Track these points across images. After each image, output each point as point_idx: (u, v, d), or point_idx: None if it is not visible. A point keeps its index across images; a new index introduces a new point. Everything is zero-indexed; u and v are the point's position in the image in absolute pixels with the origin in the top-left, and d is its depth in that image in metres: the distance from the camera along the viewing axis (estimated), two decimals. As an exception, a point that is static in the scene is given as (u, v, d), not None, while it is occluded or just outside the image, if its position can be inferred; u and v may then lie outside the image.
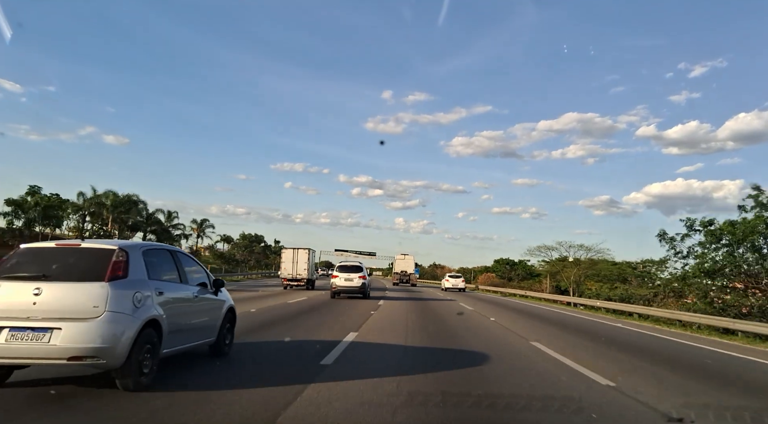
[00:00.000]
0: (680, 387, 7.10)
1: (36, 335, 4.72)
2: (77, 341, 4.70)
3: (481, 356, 8.44)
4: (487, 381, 6.53)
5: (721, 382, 7.88)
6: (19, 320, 4.77)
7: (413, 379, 6.36)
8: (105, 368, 4.91)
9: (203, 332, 6.82)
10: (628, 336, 14.30)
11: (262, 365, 7.08)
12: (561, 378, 6.96)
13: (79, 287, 4.93)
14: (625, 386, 6.59)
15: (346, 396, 5.36)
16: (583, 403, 5.54)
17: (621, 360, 9.23)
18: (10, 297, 4.87)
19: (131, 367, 4.98)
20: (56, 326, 4.73)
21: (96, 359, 4.76)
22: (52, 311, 4.80)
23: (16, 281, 4.96)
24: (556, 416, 5.14)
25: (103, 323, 4.80)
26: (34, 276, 4.99)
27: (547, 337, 12.04)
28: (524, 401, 5.43)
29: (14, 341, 4.71)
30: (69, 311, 4.81)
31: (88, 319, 4.79)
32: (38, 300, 4.83)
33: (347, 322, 12.87)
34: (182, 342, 6.14)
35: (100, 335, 4.75)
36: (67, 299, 4.85)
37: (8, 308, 4.82)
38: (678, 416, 5.18)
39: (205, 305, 6.90)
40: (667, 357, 10.41)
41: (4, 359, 4.76)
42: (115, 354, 4.83)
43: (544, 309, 25.39)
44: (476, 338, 11.10)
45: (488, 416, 4.98)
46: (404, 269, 49.28)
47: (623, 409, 5.51)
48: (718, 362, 10.25)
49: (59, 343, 4.68)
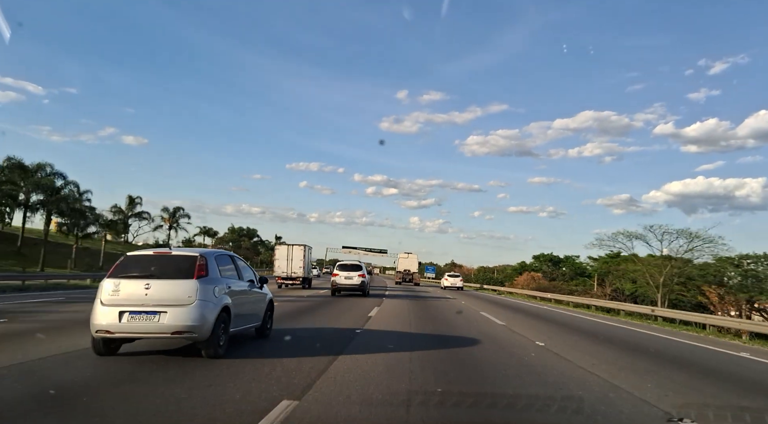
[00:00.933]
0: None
1: (149, 317, 6.66)
2: (178, 320, 6.63)
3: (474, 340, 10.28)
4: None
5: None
6: (136, 306, 6.70)
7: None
8: (196, 340, 6.84)
9: (254, 317, 8.77)
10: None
11: (297, 343, 9.02)
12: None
13: (177, 282, 6.85)
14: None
15: (368, 363, 7.28)
16: (584, 403, 5.60)
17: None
18: (128, 291, 6.79)
19: (213, 340, 6.92)
20: (163, 310, 6.66)
21: (191, 334, 6.71)
22: (159, 300, 6.72)
23: (132, 279, 6.88)
24: (556, 416, 5.20)
25: (195, 308, 6.73)
26: (143, 275, 6.91)
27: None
28: (524, 401, 5.53)
29: (133, 321, 6.65)
30: (171, 299, 6.73)
31: (184, 305, 6.71)
32: (148, 292, 6.75)
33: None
34: (241, 324, 8.08)
35: (194, 317, 6.68)
36: (169, 291, 6.78)
37: (127, 298, 6.74)
38: (678, 416, 5.13)
39: (254, 297, 8.84)
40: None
41: (126, 333, 6.71)
42: (203, 330, 6.76)
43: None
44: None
45: (488, 416, 5.08)
46: (407, 267, 49.37)
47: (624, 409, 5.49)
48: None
49: (166, 322, 6.61)
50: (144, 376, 6.15)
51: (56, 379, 5.84)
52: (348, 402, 5.17)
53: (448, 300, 26.44)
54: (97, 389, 5.48)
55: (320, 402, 5.10)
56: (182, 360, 6.98)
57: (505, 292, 46.65)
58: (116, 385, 5.67)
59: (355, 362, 7.27)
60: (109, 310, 6.69)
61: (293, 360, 7.23)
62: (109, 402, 4.98)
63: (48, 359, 6.81)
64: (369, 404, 5.22)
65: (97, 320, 6.69)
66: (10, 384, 5.54)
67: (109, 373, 6.23)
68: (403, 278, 48.77)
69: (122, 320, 6.65)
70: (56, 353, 7.19)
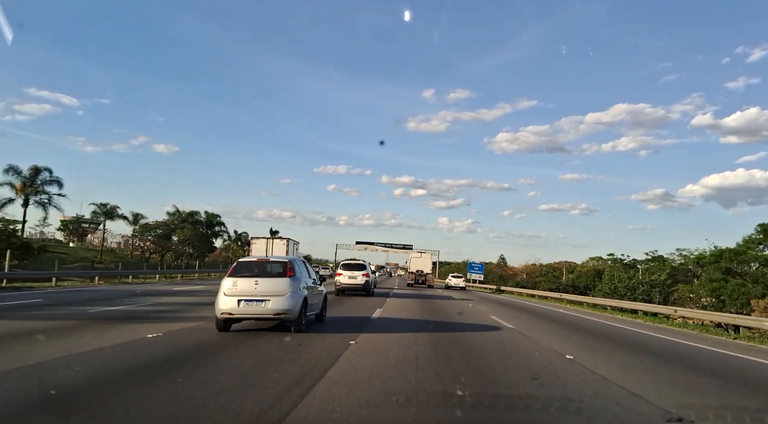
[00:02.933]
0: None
1: (258, 303, 9.83)
2: (278, 306, 9.81)
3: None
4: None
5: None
6: (248, 296, 9.87)
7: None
8: (289, 320, 10.02)
9: (316, 307, 11.95)
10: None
11: (338, 325, 12.20)
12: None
13: (276, 280, 10.03)
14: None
15: (383, 340, 10.45)
16: (584, 403, 5.73)
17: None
18: (242, 285, 9.95)
19: (300, 319, 10.12)
20: (267, 298, 9.84)
21: (286, 315, 9.89)
22: (264, 292, 9.89)
23: (245, 278, 10.05)
24: (557, 416, 5.33)
25: (289, 298, 9.90)
26: (253, 275, 10.08)
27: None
28: (524, 402, 5.64)
29: (247, 306, 9.82)
30: (273, 292, 9.90)
31: (281, 295, 9.88)
32: (257, 287, 9.92)
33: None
34: (311, 311, 11.26)
35: (288, 303, 9.87)
36: (271, 286, 9.95)
37: (243, 291, 9.91)
38: (678, 416, 5.24)
39: (317, 292, 12.04)
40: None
41: (242, 315, 9.90)
42: (294, 312, 9.95)
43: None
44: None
45: (488, 416, 5.25)
46: (420, 268, 46.57)
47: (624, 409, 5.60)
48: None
49: (270, 306, 9.80)
50: (261, 343, 9.33)
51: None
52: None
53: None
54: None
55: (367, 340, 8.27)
56: (279, 333, 10.17)
57: (584, 304, 30.90)
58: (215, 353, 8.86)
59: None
60: (229, 299, 9.88)
61: (336, 335, 10.43)
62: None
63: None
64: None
65: (222, 306, 9.88)
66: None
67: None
68: (416, 279, 45.88)
69: (240, 305, 9.84)
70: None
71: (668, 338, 14.18)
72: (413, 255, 50.21)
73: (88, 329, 10.27)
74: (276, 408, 4.89)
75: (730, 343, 14.05)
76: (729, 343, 14.03)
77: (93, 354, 7.47)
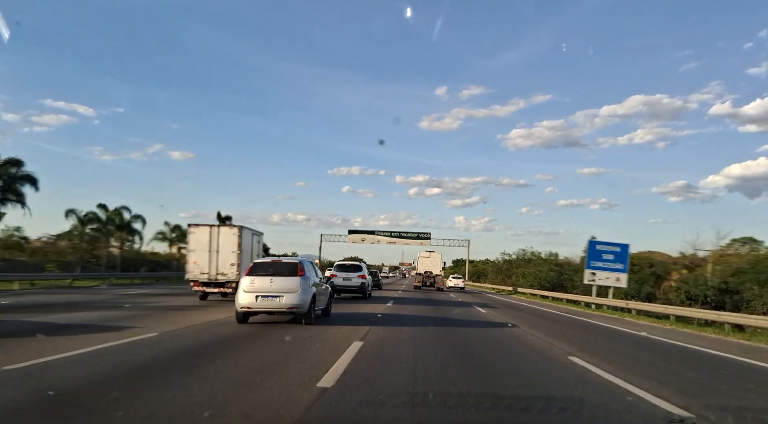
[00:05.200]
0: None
1: (273, 298, 11.38)
2: (291, 301, 11.36)
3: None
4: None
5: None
6: (264, 292, 11.40)
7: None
8: (299, 313, 11.58)
9: (323, 302, 13.48)
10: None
11: (345, 320, 13.69)
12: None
13: (288, 278, 11.57)
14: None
15: (389, 331, 11.92)
16: (585, 404, 5.71)
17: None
18: (259, 283, 11.49)
19: (309, 313, 11.69)
20: (281, 294, 11.38)
21: (298, 309, 11.46)
22: (278, 289, 11.43)
23: (261, 276, 11.59)
24: (557, 417, 5.27)
25: (300, 294, 11.45)
26: (268, 274, 11.62)
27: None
28: (525, 403, 5.59)
29: (264, 301, 11.38)
30: (286, 288, 11.43)
31: (293, 292, 11.42)
32: (271, 284, 11.45)
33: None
34: (319, 306, 12.80)
35: (300, 299, 11.42)
36: (284, 284, 11.48)
37: (259, 288, 11.45)
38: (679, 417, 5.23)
39: (323, 289, 13.59)
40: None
41: (260, 308, 11.45)
42: (304, 307, 11.51)
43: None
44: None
45: (489, 416, 5.19)
46: (429, 269, 42.79)
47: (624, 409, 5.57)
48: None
49: (283, 301, 11.35)
50: (271, 332, 10.84)
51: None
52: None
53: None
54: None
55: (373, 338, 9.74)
56: (292, 325, 11.67)
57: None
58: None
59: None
60: (248, 295, 11.42)
61: (344, 328, 11.93)
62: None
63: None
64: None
65: (242, 301, 11.43)
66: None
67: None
68: (423, 281, 42.04)
69: (257, 300, 11.38)
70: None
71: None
72: (421, 254, 45.49)
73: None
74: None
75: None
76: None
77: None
